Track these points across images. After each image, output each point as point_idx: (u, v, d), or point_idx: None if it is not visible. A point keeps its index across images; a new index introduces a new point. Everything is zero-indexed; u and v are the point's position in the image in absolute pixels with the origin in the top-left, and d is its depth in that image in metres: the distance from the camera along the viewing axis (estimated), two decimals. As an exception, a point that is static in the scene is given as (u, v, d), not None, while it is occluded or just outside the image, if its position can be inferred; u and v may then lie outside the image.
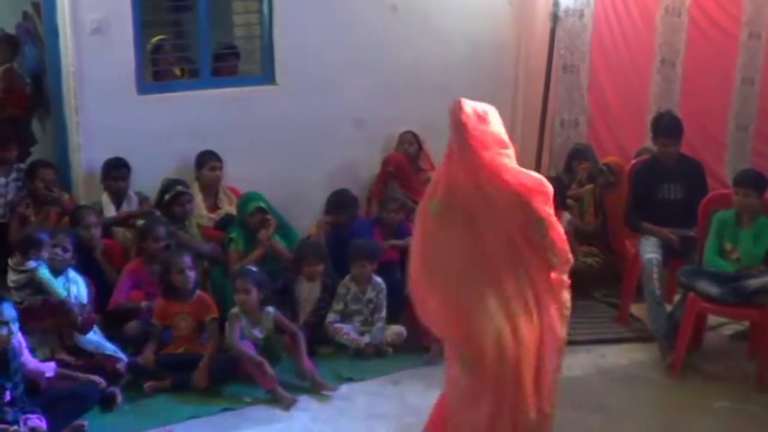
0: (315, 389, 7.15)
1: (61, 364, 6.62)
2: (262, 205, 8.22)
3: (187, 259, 7.33)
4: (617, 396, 7.11)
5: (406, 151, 9.61)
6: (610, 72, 10.40)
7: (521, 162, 9.76)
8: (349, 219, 8.65)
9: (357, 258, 8.00)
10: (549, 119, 9.92)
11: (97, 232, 7.73)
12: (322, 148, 9.28)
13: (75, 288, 6.98)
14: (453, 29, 9.83)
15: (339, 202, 8.66)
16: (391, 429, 6.68)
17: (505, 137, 5.14)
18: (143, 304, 7.49)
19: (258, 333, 7.30)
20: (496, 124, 5.15)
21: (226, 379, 7.17)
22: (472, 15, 9.93)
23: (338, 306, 7.99)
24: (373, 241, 8.45)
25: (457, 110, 5.11)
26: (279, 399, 6.97)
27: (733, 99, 11.52)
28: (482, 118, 5.13)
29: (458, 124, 5.09)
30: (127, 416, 6.68)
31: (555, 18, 9.71)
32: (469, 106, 5.13)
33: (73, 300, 6.87)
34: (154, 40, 9.50)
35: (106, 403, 6.68)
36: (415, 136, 9.64)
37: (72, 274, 7.05)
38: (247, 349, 7.15)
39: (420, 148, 9.70)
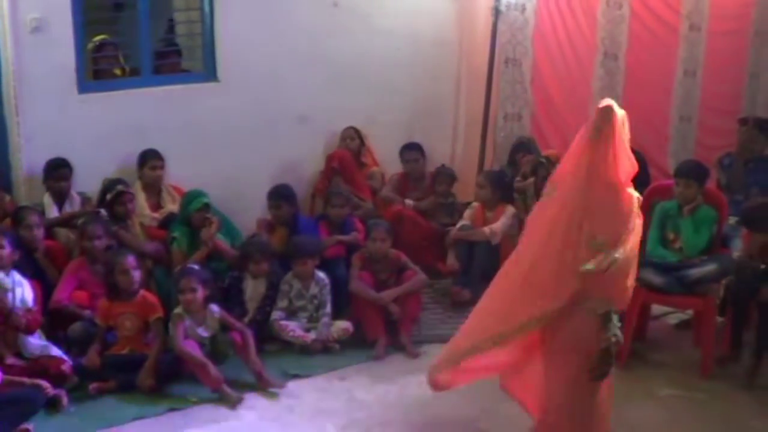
0: (263, 386, 7.12)
1: (6, 368, 6.54)
2: (206, 201, 8.18)
3: (130, 259, 7.27)
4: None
5: (348, 146, 9.59)
6: (553, 65, 10.44)
7: (465, 156, 9.90)
8: (290, 213, 8.61)
9: (298, 255, 7.98)
10: (492, 113, 9.97)
11: (39, 232, 7.63)
12: (265, 145, 9.24)
13: (20, 290, 6.89)
14: (395, 25, 9.83)
15: (277, 196, 8.61)
16: (339, 424, 6.68)
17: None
18: (86, 312, 7.41)
19: (203, 332, 7.26)
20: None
21: (172, 379, 7.12)
22: (413, 10, 9.94)
23: (282, 303, 7.96)
24: (314, 237, 8.42)
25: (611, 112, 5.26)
26: (225, 398, 6.94)
27: (675, 91, 11.65)
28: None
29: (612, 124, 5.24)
30: (72, 418, 6.62)
31: (497, 12, 9.76)
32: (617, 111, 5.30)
33: (18, 303, 6.79)
34: (96, 39, 9.43)
35: (52, 405, 6.61)
36: (357, 131, 9.64)
37: (18, 276, 6.96)
38: (192, 349, 7.09)
39: (362, 143, 9.70)
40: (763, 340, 7.43)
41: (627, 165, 5.34)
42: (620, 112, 5.28)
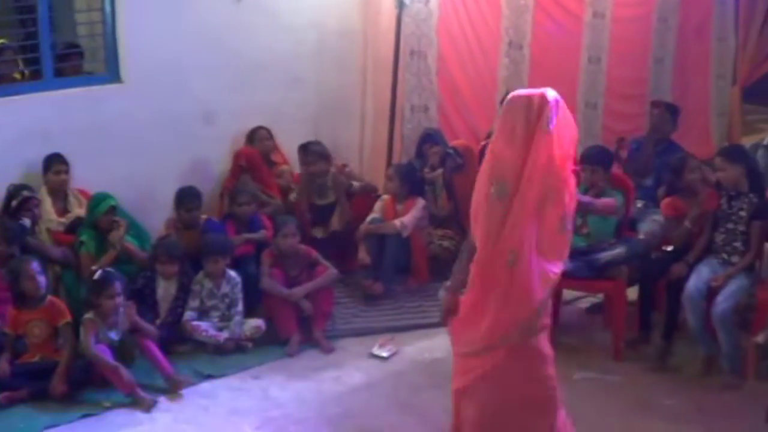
0: (173, 389, 7.08)
1: None
2: (113, 204, 8.09)
3: (35, 265, 7.18)
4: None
5: (263, 146, 9.53)
6: (458, 56, 10.44)
7: (374, 148, 9.90)
8: (199, 215, 8.57)
9: (209, 253, 7.95)
10: (399, 105, 9.96)
11: (-58, 240, 7.53)
12: (172, 145, 9.12)
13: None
14: (299, 19, 9.77)
15: (187, 199, 8.55)
16: (255, 423, 6.67)
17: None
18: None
19: (114, 336, 7.18)
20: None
21: (84, 385, 7.03)
22: (318, 3, 9.89)
23: (194, 303, 7.92)
24: (223, 236, 8.40)
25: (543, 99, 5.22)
26: (139, 402, 6.88)
27: (580, 78, 11.75)
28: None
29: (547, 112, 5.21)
30: (-18, 429, 6.53)
31: (401, 4, 9.73)
32: (552, 95, 5.26)
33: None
34: (-3, 42, 9.32)
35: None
36: (269, 131, 9.59)
37: None
38: (103, 353, 7.01)
39: (274, 143, 9.66)
40: (671, 321, 7.56)
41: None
42: (552, 95, 5.26)
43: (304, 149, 9.31)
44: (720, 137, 13.52)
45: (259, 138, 9.54)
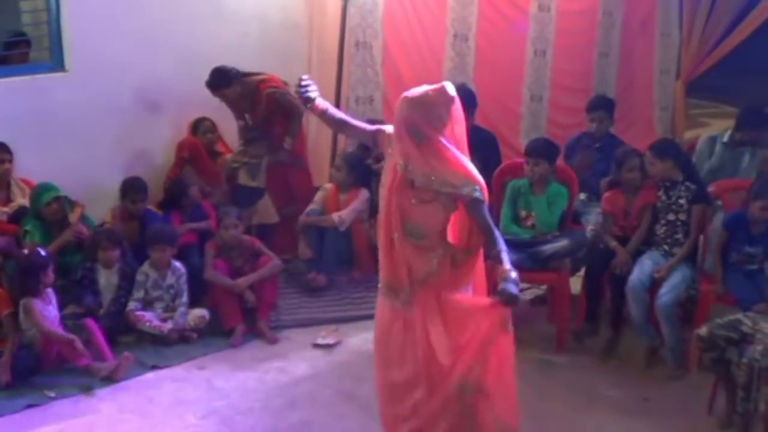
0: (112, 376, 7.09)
1: None
2: (58, 194, 8.04)
3: None
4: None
5: (206, 139, 9.50)
6: (403, 48, 10.44)
7: (318, 141, 9.89)
8: (144, 206, 8.57)
9: (155, 242, 7.93)
10: (344, 96, 9.94)
11: None
12: (116, 135, 9.10)
13: None
14: (243, 9, 9.78)
15: (134, 190, 8.53)
16: (200, 413, 6.66)
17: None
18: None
19: (53, 311, 7.27)
20: None
21: (29, 375, 7.01)
22: (262, -5, 9.91)
23: (139, 293, 7.88)
24: (169, 226, 8.39)
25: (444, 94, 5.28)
26: (96, 371, 7.00)
27: (526, 70, 11.80)
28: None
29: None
30: (-75, 421, 6.49)
31: (347, -5, 9.76)
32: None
33: None
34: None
35: None
36: (212, 123, 9.56)
37: None
38: (56, 328, 7.10)
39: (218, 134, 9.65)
40: (617, 312, 7.64)
41: None
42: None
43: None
44: (664, 130, 13.63)
45: (203, 130, 9.51)
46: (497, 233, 5.28)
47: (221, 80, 8.99)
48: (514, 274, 5.11)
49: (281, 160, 9.38)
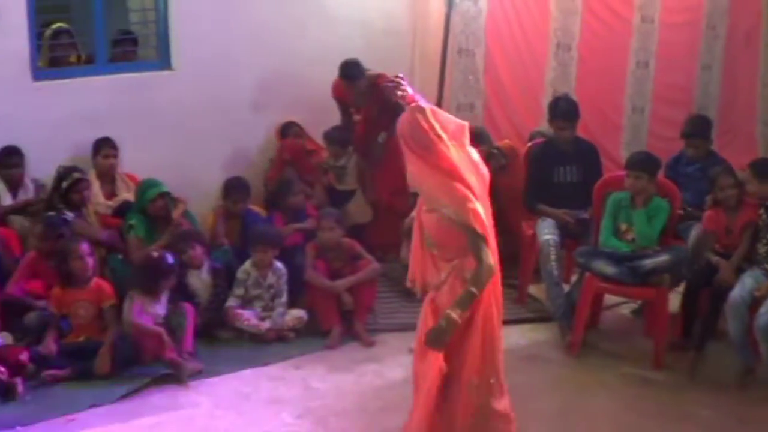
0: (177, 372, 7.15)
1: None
2: (164, 190, 8.17)
3: (84, 246, 7.29)
4: (519, 375, 7.03)
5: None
6: (506, 56, 10.45)
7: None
8: (245, 206, 8.70)
9: (257, 243, 7.99)
10: (445, 103, 9.89)
11: (-8, 221, 7.63)
12: (218, 134, 9.23)
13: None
14: (348, 14, 9.83)
15: (237, 190, 8.68)
16: (295, 413, 6.69)
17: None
18: (41, 303, 7.37)
19: (160, 310, 7.37)
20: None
21: (129, 366, 7.11)
22: (367, 0, 9.96)
23: (239, 291, 7.97)
24: (273, 227, 8.48)
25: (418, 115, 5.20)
26: (181, 368, 7.07)
27: (628, 82, 11.70)
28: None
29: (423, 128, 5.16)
30: (28, 406, 6.59)
31: (450, 2, 9.75)
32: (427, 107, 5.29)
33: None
34: (55, 26, 9.37)
35: (7, 393, 6.60)
36: (301, 128, 9.63)
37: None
38: (145, 322, 7.21)
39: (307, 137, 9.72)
40: (707, 330, 7.53)
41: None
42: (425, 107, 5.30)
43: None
44: (766, 145, 13.42)
45: (292, 134, 9.57)
46: (483, 273, 5.10)
47: (357, 71, 9.10)
48: (453, 316, 5.04)
49: (375, 154, 9.39)
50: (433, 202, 5.19)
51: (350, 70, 9.05)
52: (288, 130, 9.60)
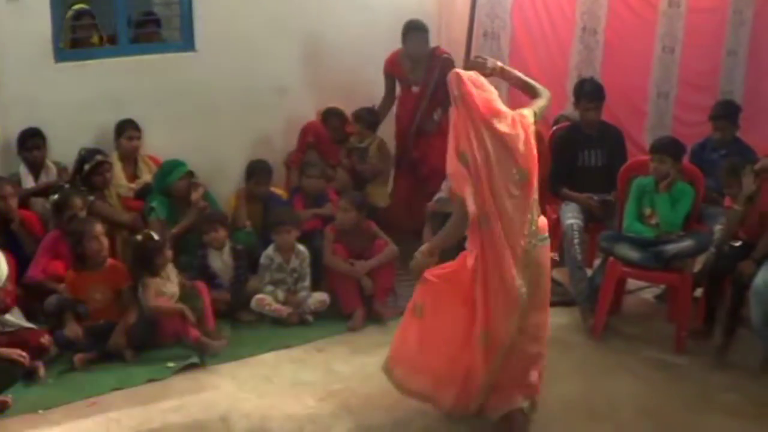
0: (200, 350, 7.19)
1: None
2: (189, 170, 8.22)
3: (99, 227, 7.28)
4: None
5: (334, 131, 9.50)
6: (531, 39, 10.39)
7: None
8: (264, 187, 8.69)
9: (279, 224, 7.99)
10: (470, 87, 9.87)
11: (14, 203, 7.59)
12: (241, 116, 9.20)
13: (-4, 266, 6.83)
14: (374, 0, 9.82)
15: (260, 173, 8.67)
16: (317, 395, 6.68)
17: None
18: (61, 286, 7.35)
19: (171, 287, 7.42)
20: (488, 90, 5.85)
21: (149, 348, 7.16)
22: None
23: (265, 279, 7.99)
24: (290, 209, 8.50)
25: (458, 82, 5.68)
26: (207, 348, 7.11)
27: (653, 67, 11.61)
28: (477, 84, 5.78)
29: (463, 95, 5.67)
30: (51, 389, 6.61)
31: (477, -15, 9.72)
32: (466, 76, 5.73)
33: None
34: (76, 7, 9.36)
35: (29, 376, 6.61)
36: (343, 117, 9.55)
37: (-6, 250, 6.90)
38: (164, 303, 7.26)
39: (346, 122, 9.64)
40: (734, 317, 7.47)
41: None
42: (467, 74, 5.77)
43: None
44: (791, 132, 13.34)
45: (332, 125, 9.49)
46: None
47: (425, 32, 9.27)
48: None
49: (427, 130, 9.39)
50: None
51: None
52: (329, 117, 9.51)
